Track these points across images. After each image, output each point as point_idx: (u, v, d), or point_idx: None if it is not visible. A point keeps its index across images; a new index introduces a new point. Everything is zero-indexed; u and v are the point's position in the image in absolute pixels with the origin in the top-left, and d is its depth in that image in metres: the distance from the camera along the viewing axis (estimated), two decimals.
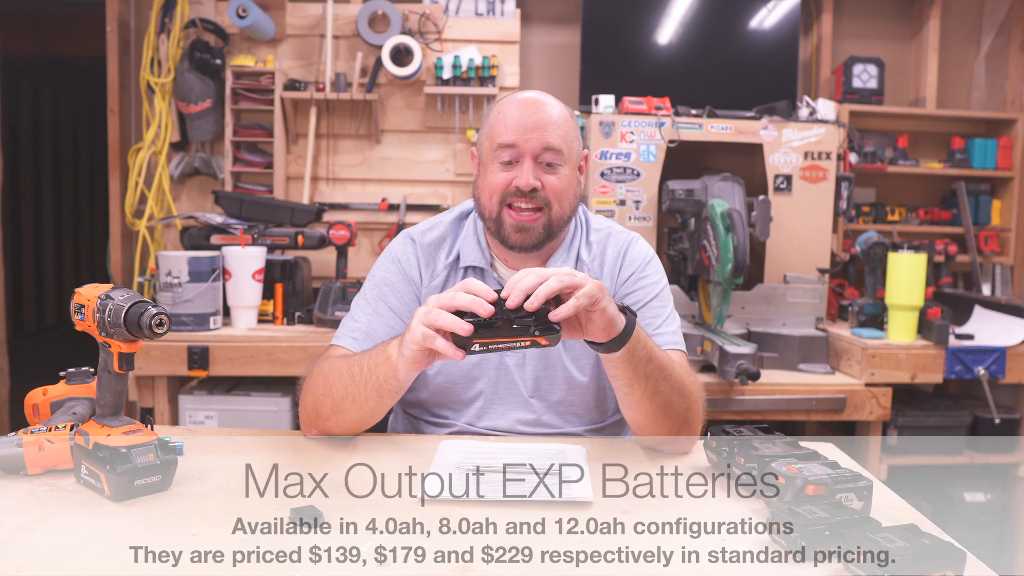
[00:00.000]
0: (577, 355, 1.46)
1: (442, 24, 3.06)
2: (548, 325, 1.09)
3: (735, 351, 2.32)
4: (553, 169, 1.40)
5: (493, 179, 1.40)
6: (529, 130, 1.38)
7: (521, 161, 1.39)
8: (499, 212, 1.41)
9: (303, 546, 0.92)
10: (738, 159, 2.88)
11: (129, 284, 3.02)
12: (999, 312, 2.67)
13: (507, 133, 1.38)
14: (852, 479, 1.03)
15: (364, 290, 1.50)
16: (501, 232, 1.42)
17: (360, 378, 1.24)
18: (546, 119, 1.39)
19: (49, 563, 0.87)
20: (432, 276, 1.48)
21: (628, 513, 1.05)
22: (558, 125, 1.39)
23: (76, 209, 7.77)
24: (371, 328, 1.42)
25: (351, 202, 3.11)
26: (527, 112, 1.39)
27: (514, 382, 1.45)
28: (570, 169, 1.42)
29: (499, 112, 1.42)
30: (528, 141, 1.37)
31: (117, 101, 3.04)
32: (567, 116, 1.43)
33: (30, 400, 1.29)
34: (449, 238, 1.51)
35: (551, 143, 1.38)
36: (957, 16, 3.42)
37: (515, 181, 1.38)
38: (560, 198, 1.40)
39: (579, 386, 1.46)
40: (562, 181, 1.40)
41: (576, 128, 1.45)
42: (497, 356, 1.44)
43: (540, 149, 1.38)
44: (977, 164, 3.27)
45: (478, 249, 1.48)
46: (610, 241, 1.53)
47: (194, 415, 2.46)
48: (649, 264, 1.52)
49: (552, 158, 1.39)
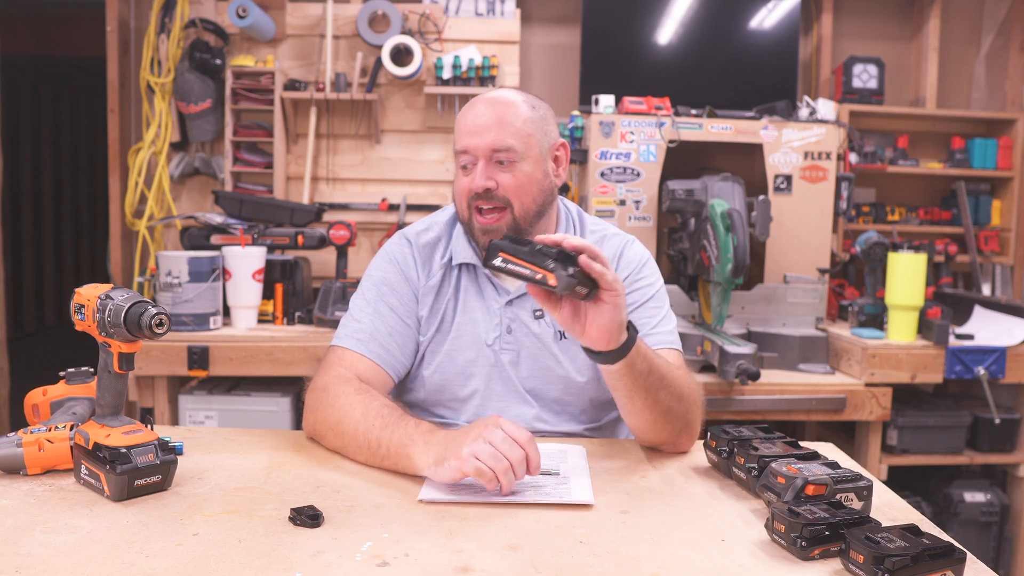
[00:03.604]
0: (575, 356, 1.46)
1: (442, 24, 3.06)
2: (566, 267, 1.08)
3: (735, 351, 2.32)
4: (508, 167, 1.40)
5: (458, 184, 1.44)
6: (477, 133, 1.39)
7: (476, 164, 1.40)
8: (469, 216, 1.43)
9: (303, 546, 0.92)
10: (738, 159, 2.88)
11: (129, 284, 3.02)
12: (999, 312, 2.67)
13: (461, 138, 1.41)
14: (852, 479, 1.03)
15: (362, 290, 1.50)
16: (474, 237, 1.44)
17: (376, 453, 1.21)
18: (495, 119, 1.39)
19: (49, 563, 0.87)
20: (428, 276, 1.49)
21: (628, 513, 1.05)
22: (509, 123, 1.39)
23: (76, 209, 7.77)
24: (374, 329, 1.43)
25: (351, 202, 3.11)
26: (477, 114, 1.40)
27: (509, 379, 1.46)
28: (531, 164, 1.41)
29: (459, 117, 1.44)
30: (478, 146, 1.39)
31: (117, 101, 3.04)
32: (524, 112, 1.41)
33: (30, 400, 1.29)
34: (444, 238, 1.52)
35: (499, 143, 1.38)
36: (957, 16, 3.42)
37: (469, 185, 1.40)
38: (519, 194, 1.40)
39: (576, 386, 1.46)
40: (519, 177, 1.40)
41: (540, 121, 1.43)
42: (492, 354, 1.45)
43: (489, 151, 1.38)
44: (977, 164, 3.27)
45: (469, 247, 1.49)
46: (606, 243, 1.53)
47: (194, 415, 2.46)
48: (645, 266, 1.53)
49: (504, 156, 1.39)
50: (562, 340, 1.46)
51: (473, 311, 1.48)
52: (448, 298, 1.48)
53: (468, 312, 1.48)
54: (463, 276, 1.49)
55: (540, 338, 1.46)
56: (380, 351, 1.41)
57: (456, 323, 1.47)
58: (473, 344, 1.46)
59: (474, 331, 1.47)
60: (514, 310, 1.47)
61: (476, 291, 1.49)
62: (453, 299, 1.48)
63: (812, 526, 0.91)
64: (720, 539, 0.98)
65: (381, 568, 0.87)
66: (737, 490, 1.15)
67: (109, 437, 1.06)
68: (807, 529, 0.91)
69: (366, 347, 1.40)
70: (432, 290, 1.48)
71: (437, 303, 1.48)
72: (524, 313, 1.47)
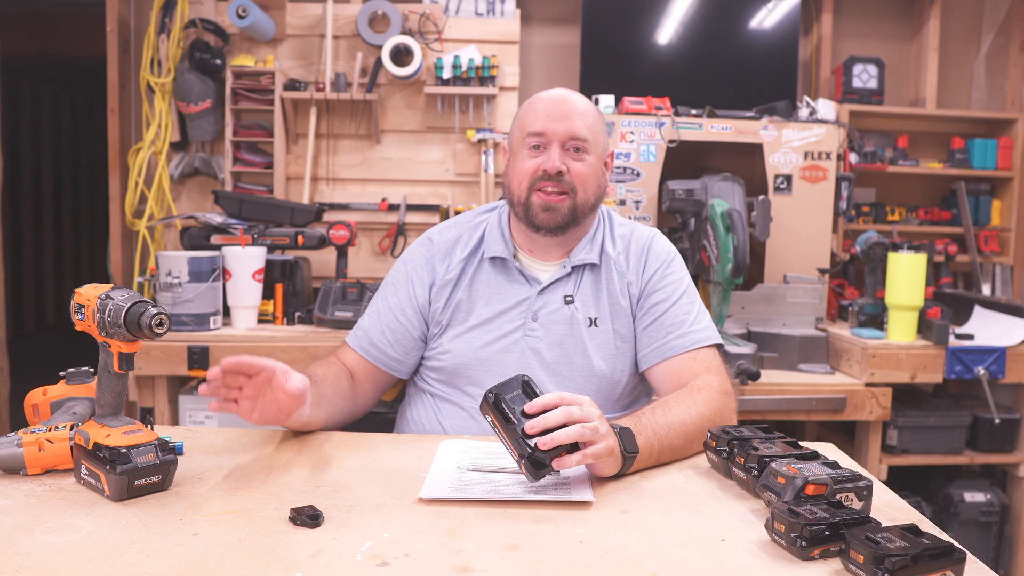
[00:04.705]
0: (601, 344, 1.51)
1: (442, 24, 3.06)
2: (541, 460, 1.07)
3: (735, 351, 2.32)
4: (579, 156, 1.48)
5: (523, 165, 1.50)
6: (557, 119, 1.47)
7: (549, 147, 1.47)
8: (527, 196, 1.49)
9: (303, 546, 0.92)
10: (738, 159, 2.88)
11: (129, 284, 3.02)
12: (999, 312, 2.67)
13: (537, 122, 1.48)
14: (852, 479, 1.03)
15: (378, 290, 1.64)
16: (529, 214, 1.49)
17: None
18: (573, 110, 1.49)
19: (49, 563, 0.86)
20: (447, 270, 1.56)
21: (628, 513, 1.05)
22: (584, 116, 1.49)
23: (76, 209, 7.77)
24: (370, 325, 1.58)
25: (351, 202, 3.11)
26: (555, 103, 1.49)
27: (530, 366, 1.49)
28: (595, 159, 1.51)
29: (530, 104, 1.52)
30: (556, 130, 1.47)
31: (117, 101, 3.04)
32: (593, 110, 1.52)
33: (30, 400, 1.29)
34: (465, 235, 1.60)
35: (577, 131, 1.47)
36: (957, 16, 3.42)
37: (543, 165, 1.47)
38: (585, 184, 1.49)
39: (598, 373, 1.50)
40: (587, 168, 1.49)
41: (602, 124, 1.54)
42: (515, 341, 1.50)
43: (567, 136, 1.47)
44: (977, 164, 3.27)
45: (501, 240, 1.56)
46: (634, 236, 1.59)
47: (194, 415, 2.46)
48: (673, 261, 1.58)
49: (579, 145, 1.48)
50: (591, 327, 1.51)
51: (499, 301, 1.53)
52: (466, 289, 1.54)
53: (492, 303, 1.53)
54: (492, 268, 1.56)
55: (569, 324, 1.51)
56: (369, 347, 1.56)
57: (476, 312, 1.53)
58: (494, 332, 1.51)
59: (497, 320, 1.51)
60: (546, 297, 1.52)
61: (505, 282, 1.54)
62: (474, 290, 1.54)
63: (812, 526, 0.91)
64: (720, 539, 0.98)
65: (381, 568, 0.87)
66: (737, 490, 1.15)
67: (109, 437, 1.06)
68: (807, 529, 0.91)
69: (358, 343, 1.57)
70: (449, 284, 1.55)
71: (453, 295, 1.55)
72: (555, 299, 1.52)
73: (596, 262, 1.54)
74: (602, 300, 1.53)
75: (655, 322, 1.51)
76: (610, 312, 1.52)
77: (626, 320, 1.52)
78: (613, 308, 1.52)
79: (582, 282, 1.54)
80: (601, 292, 1.53)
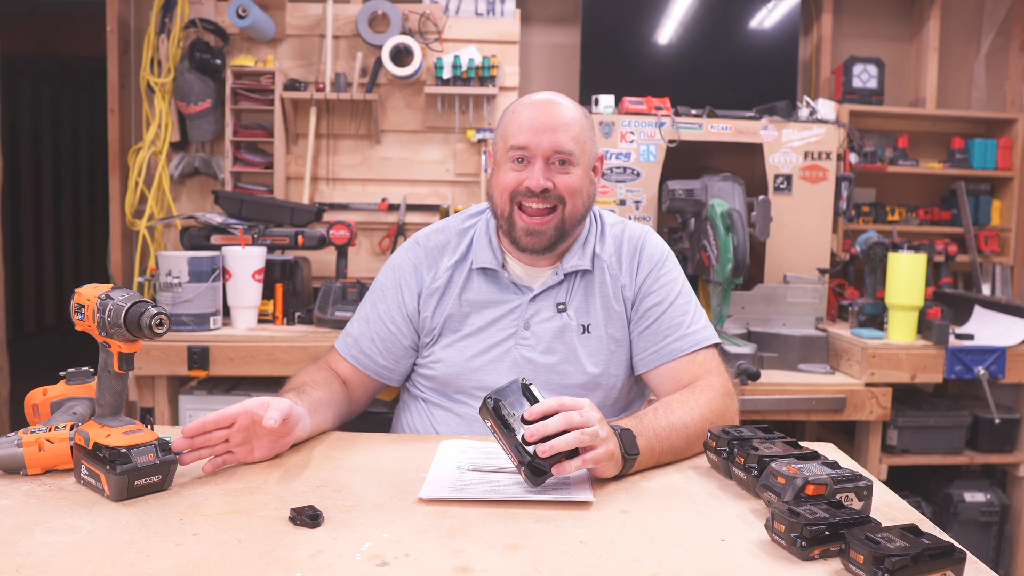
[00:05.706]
0: (594, 350, 1.49)
1: (442, 24, 3.06)
2: (541, 467, 1.07)
3: (735, 351, 2.32)
4: (565, 168, 1.43)
5: (505, 178, 1.44)
6: (540, 132, 1.40)
7: (533, 162, 1.41)
8: (510, 211, 1.44)
9: (303, 546, 0.92)
10: (738, 159, 2.88)
11: (129, 284, 3.02)
12: (999, 312, 2.67)
13: (520, 134, 1.42)
14: (852, 479, 1.03)
15: (366, 294, 1.59)
16: (513, 234, 1.46)
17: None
18: (558, 122, 1.41)
19: (49, 563, 0.86)
20: (434, 278, 1.52)
21: (628, 513, 1.05)
22: (570, 127, 1.42)
23: (76, 209, 7.77)
24: (360, 333, 1.55)
25: (351, 202, 3.11)
26: (539, 114, 1.42)
27: (523, 374, 1.46)
28: (583, 170, 1.45)
29: (513, 112, 1.45)
30: (539, 144, 1.40)
31: (117, 101, 3.03)
32: (581, 118, 1.45)
33: (30, 400, 1.29)
34: (453, 242, 1.55)
35: (562, 146, 1.41)
36: (957, 16, 3.42)
37: (526, 182, 1.41)
38: (573, 195, 1.43)
39: (592, 379, 1.48)
40: (574, 180, 1.43)
41: (590, 130, 1.48)
42: (507, 350, 1.48)
43: (551, 151, 1.41)
44: (977, 164, 3.27)
45: (489, 250, 1.51)
46: (625, 236, 1.55)
47: (194, 415, 2.46)
48: (666, 261, 1.54)
49: (564, 159, 1.42)
50: (584, 334, 1.49)
51: (490, 310, 1.50)
52: (456, 300, 1.51)
53: (483, 313, 1.50)
54: (482, 278, 1.51)
55: (562, 331, 1.48)
56: (360, 356, 1.53)
57: (468, 322, 1.50)
58: (486, 340, 1.49)
59: (489, 329, 1.49)
60: (538, 304, 1.50)
61: (497, 290, 1.51)
62: (465, 300, 1.51)
63: (812, 526, 0.91)
64: (720, 539, 0.98)
65: (381, 568, 0.87)
66: (737, 490, 1.15)
67: (109, 437, 1.06)
68: (807, 529, 0.91)
69: (348, 351, 1.55)
70: (437, 292, 1.51)
71: (442, 304, 1.51)
72: (547, 307, 1.50)
73: (588, 268, 1.51)
74: (595, 305, 1.50)
75: (652, 325, 1.49)
76: (603, 317, 1.50)
77: (620, 324, 1.50)
78: (607, 312, 1.50)
79: (574, 289, 1.51)
80: (594, 297, 1.50)
